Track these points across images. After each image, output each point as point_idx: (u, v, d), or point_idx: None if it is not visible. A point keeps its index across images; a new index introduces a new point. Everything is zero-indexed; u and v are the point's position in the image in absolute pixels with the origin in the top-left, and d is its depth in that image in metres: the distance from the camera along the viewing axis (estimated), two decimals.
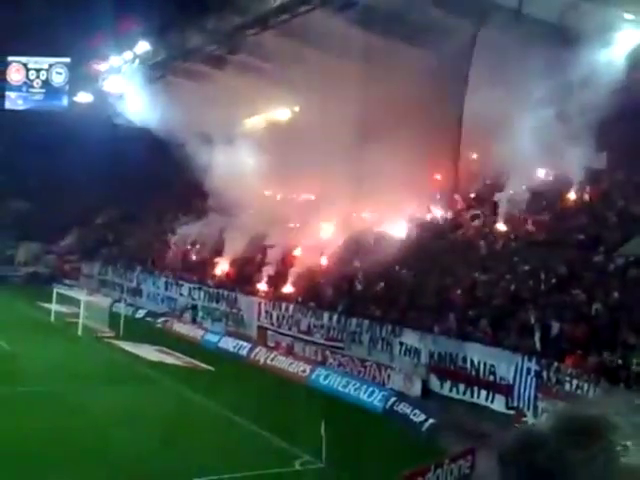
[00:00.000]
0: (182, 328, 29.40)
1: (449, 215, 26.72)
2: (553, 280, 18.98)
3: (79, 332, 26.90)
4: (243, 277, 30.42)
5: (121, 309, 29.21)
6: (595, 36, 21.26)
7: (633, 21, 21.67)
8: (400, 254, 25.34)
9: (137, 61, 33.70)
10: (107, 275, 38.80)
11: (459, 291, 21.00)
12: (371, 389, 19.66)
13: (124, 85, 35.37)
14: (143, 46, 32.49)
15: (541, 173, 22.93)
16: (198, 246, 35.03)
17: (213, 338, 27.22)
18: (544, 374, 16.13)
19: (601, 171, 22.96)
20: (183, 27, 30.47)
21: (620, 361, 15.29)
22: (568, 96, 21.20)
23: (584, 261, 19.49)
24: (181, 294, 32.10)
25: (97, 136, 36.02)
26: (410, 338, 20.25)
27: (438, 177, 28.17)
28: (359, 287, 24.79)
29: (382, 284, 23.86)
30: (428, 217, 27.33)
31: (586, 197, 22.77)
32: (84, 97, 40.02)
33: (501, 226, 23.62)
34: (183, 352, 24.57)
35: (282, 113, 34.30)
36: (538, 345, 17.01)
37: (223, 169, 30.08)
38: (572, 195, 23.10)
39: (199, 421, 17.33)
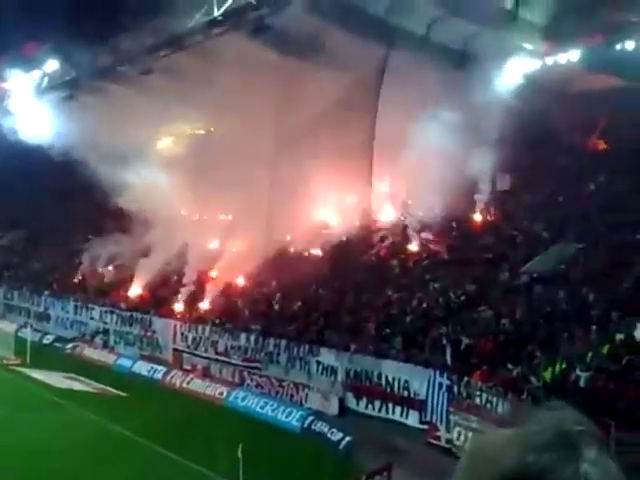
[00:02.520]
0: (93, 353, 28.65)
1: (362, 235, 27.33)
2: (462, 297, 19.74)
3: None
4: (158, 299, 30.06)
5: (27, 335, 28.17)
6: (495, 62, 22.47)
7: (531, 51, 23.02)
8: (317, 273, 25.73)
9: (46, 79, 32.84)
10: (13, 300, 37.30)
11: (374, 309, 21.49)
12: (289, 409, 19.81)
13: (31, 104, 34.36)
14: (52, 65, 31.73)
15: (448, 195, 23.86)
16: (111, 267, 34.25)
17: (126, 363, 26.72)
18: (455, 388, 16.74)
19: (505, 192, 24.11)
20: (95, 46, 29.97)
21: (528, 375, 16.02)
22: (471, 119, 22.23)
23: (491, 279, 20.37)
24: (92, 318, 31.30)
25: (1, 155, 34.75)
26: (327, 357, 20.61)
27: (354, 199, 28.79)
28: (276, 307, 24.94)
29: (299, 303, 24.12)
30: (343, 237, 27.89)
31: (491, 217, 23.86)
32: None
33: (412, 246, 24.38)
34: (94, 378, 23.95)
35: (197, 133, 34.19)
36: (449, 360, 17.63)
37: (136, 188, 29.70)
38: (478, 215, 24.13)
39: (111, 449, 16.96)
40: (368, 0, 22.52)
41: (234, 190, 27.14)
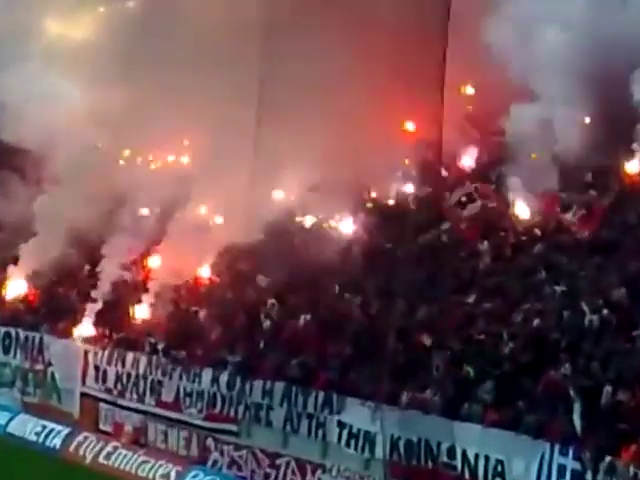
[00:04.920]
0: None
1: (427, 196, 27.29)
2: (604, 311, 19.66)
3: None
4: (55, 305, 30.33)
5: None
6: None
7: None
8: (341, 263, 25.73)
9: None
10: None
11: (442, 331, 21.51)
12: None
13: None
14: None
15: (582, 124, 23.66)
16: None
17: None
18: (588, 476, 16.73)
19: None
20: None
21: None
22: None
23: None
24: None
25: None
26: (357, 415, 20.68)
27: (410, 127, 28.71)
28: (267, 323, 25.04)
29: (308, 317, 24.18)
30: (390, 200, 27.85)
31: None
32: None
33: (516, 214, 24.31)
34: None
35: (126, 6, 34.15)
36: (578, 426, 17.60)
37: (18, 104, 29.82)
38: (635, 164, 23.94)
39: None
40: None
41: (197, 109, 27.12)
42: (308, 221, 28.79)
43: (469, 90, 28.88)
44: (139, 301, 28.03)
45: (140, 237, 29.48)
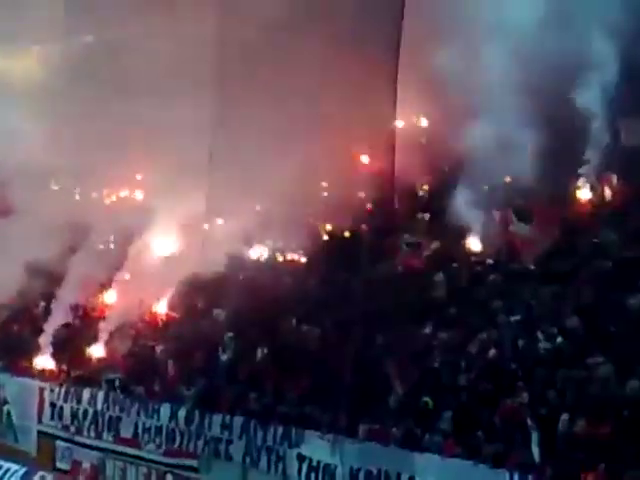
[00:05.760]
0: None
1: (379, 224, 27.36)
2: (559, 339, 19.74)
3: None
4: (10, 342, 30.09)
5: None
6: None
7: None
8: (297, 295, 25.75)
9: None
10: None
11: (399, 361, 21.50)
12: None
13: None
14: None
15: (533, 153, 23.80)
16: None
17: None
18: None
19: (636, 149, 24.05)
20: None
21: None
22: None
23: (612, 305, 20.32)
24: None
25: None
26: (316, 447, 20.68)
27: (364, 159, 28.81)
28: (225, 356, 24.99)
29: (265, 350, 24.14)
30: (345, 232, 27.92)
31: (612, 196, 23.78)
32: None
33: (472, 246, 24.40)
34: None
35: (76, 43, 34.01)
36: (537, 455, 17.64)
37: None
38: (586, 192, 24.08)
39: None
40: None
41: (148, 145, 27.16)
42: (263, 254, 28.72)
43: (422, 118, 28.96)
44: (96, 337, 27.85)
45: (96, 272, 29.33)
